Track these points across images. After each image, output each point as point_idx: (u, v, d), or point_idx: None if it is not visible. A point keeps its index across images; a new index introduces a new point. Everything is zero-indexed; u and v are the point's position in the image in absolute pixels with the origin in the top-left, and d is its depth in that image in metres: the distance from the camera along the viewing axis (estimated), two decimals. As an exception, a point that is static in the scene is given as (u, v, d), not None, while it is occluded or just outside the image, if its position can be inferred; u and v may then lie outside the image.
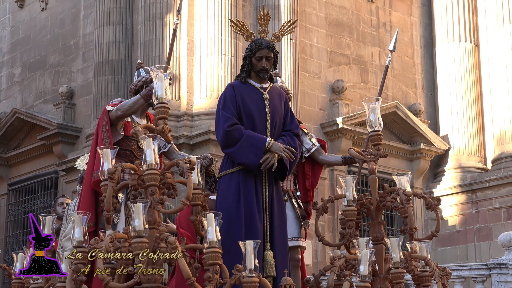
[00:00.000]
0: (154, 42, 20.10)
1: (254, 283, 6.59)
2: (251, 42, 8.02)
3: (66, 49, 23.11)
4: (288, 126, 8.06)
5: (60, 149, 21.93)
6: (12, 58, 24.72)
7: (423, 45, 24.99)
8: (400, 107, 22.95)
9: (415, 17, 25.05)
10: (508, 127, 23.17)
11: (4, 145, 23.50)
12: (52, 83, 23.26)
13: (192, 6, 20.25)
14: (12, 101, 24.15)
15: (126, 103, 8.00)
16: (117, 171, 6.80)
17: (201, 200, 7.05)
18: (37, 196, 22.70)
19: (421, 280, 7.66)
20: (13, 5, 24.89)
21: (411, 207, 7.81)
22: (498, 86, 23.67)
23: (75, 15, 23.06)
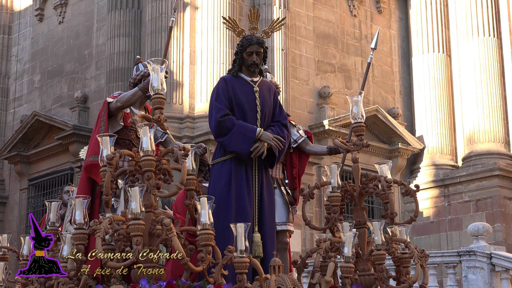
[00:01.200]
0: (160, 52, 19.72)
1: (245, 263, 6.32)
2: (242, 38, 7.83)
3: (80, 58, 22.93)
4: (277, 117, 7.79)
5: (75, 148, 21.55)
6: (32, 66, 24.49)
7: (400, 55, 24.78)
8: (380, 110, 22.77)
9: (393, 30, 24.83)
10: (476, 129, 23.03)
11: (25, 145, 23.21)
12: (68, 89, 23.08)
13: (194, 20, 20.18)
14: (32, 105, 23.91)
15: (125, 95, 7.71)
16: (115, 157, 6.49)
17: (195, 185, 6.75)
18: (54, 190, 22.22)
19: (401, 261, 7.38)
20: (33, 18, 24.65)
21: (391, 193, 7.49)
22: (468, 92, 23.51)
23: (89, 28, 22.89)
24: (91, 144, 7.41)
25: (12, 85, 24.94)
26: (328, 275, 6.88)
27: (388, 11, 24.69)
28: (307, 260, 7.43)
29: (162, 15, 20.06)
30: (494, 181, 22.36)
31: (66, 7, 23.56)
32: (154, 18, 20.26)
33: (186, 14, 20.10)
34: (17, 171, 23.33)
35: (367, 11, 24.14)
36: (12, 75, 24.99)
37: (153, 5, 20.31)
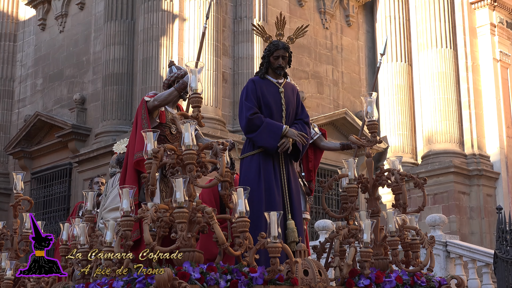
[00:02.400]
0: (151, 59, 19.82)
1: (278, 248, 6.20)
2: (269, 43, 7.70)
3: (79, 64, 22.69)
4: (299, 116, 7.75)
5: (74, 145, 21.51)
6: (35, 71, 24.23)
7: (367, 64, 24.71)
8: (349, 113, 22.76)
9: (361, 42, 24.76)
10: (434, 130, 23.10)
11: (28, 142, 22.95)
12: (67, 92, 22.80)
13: (182, 30, 20.01)
14: (35, 106, 23.63)
15: (162, 95, 7.55)
16: (160, 150, 6.31)
17: (229, 177, 6.60)
18: (54, 183, 22.27)
19: (411, 246, 7.25)
20: (36, 27, 24.35)
21: (404, 185, 7.39)
22: (427, 98, 23.56)
23: (87, 37, 22.64)
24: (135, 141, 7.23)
25: (16, 88, 24.70)
26: (350, 259, 6.78)
27: (356, 24, 24.63)
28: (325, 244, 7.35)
29: (153, 25, 19.90)
30: (450, 177, 22.44)
31: (67, 17, 23.34)
32: (146, 28, 20.08)
33: (175, 25, 20.00)
34: (21, 166, 23.00)
35: (337, 24, 24.03)
36: (17, 78, 24.74)
37: (145, 17, 20.15)
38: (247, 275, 6.12)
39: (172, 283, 5.76)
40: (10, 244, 8.59)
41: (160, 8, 19.96)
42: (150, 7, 20.05)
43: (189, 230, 6.15)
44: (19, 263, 8.31)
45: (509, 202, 22.96)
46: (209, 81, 19.35)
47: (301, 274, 6.45)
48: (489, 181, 23.18)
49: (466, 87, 23.74)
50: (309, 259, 6.67)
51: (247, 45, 20.74)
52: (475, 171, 22.79)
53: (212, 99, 19.30)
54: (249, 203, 6.45)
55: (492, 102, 23.87)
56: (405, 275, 6.99)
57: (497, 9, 24.44)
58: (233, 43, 20.94)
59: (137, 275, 6.06)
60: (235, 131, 19.16)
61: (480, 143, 23.55)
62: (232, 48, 20.89)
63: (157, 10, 19.99)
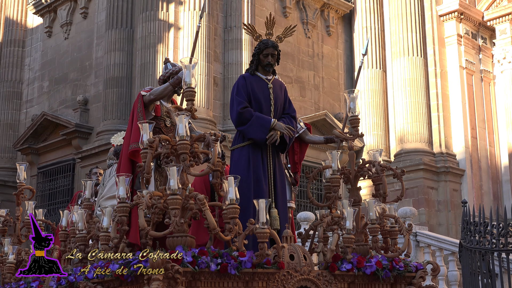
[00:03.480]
0: (148, 65, 19.63)
1: (266, 234, 5.95)
2: (259, 42, 7.39)
3: (82, 68, 22.40)
4: (287, 110, 7.50)
5: (77, 142, 21.24)
6: (42, 74, 23.92)
7: (345, 70, 24.44)
8: (329, 115, 22.53)
9: (340, 50, 24.51)
10: (405, 131, 22.95)
11: (35, 139, 22.62)
12: (71, 93, 22.50)
13: (177, 38, 19.83)
14: (41, 106, 23.30)
15: (157, 89, 7.27)
16: (155, 140, 6.00)
17: (220, 166, 6.28)
18: (59, 177, 21.96)
19: (390, 234, 6.97)
20: (43, 34, 24.04)
21: (384, 176, 7.11)
22: (399, 101, 23.38)
23: (89, 43, 22.37)
24: (131, 132, 6.91)
25: (25, 90, 24.39)
26: (333, 244, 6.50)
27: (336, 34, 24.38)
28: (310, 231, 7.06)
29: (151, 33, 19.73)
30: (420, 174, 22.29)
31: (71, 25, 23.07)
32: (144, 36, 19.90)
33: (170, 33, 19.79)
34: (28, 161, 22.48)
35: (319, 34, 23.79)
36: (25, 81, 24.44)
37: (143, 26, 19.96)
38: (237, 259, 5.88)
39: (165, 266, 5.48)
40: (13, 230, 8.31)
41: (157, 17, 19.82)
42: (148, 16, 19.90)
43: (182, 216, 5.87)
44: (21, 248, 8.06)
45: (473, 197, 22.91)
46: (202, 85, 19.16)
47: (287, 258, 6.22)
48: (455, 177, 23.08)
49: (435, 92, 23.62)
50: (295, 244, 6.41)
51: (236, 52, 20.64)
52: (443, 168, 22.73)
53: (204, 101, 19.13)
54: (238, 192, 6.17)
55: (458, 105, 23.76)
56: (384, 260, 6.73)
57: (463, 21, 24.35)
58: (224, 50, 20.82)
59: (132, 258, 5.77)
60: (225, 130, 18.95)
61: (447, 142, 23.43)
62: (222, 55, 20.76)
63: (154, 20, 19.84)
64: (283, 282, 6.11)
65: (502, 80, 24.86)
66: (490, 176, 24.23)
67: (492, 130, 24.64)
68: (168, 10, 19.88)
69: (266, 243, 5.94)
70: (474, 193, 23.29)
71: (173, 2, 20.00)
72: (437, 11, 24.21)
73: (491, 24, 25.02)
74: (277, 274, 6.08)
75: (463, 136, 23.54)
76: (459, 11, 24.05)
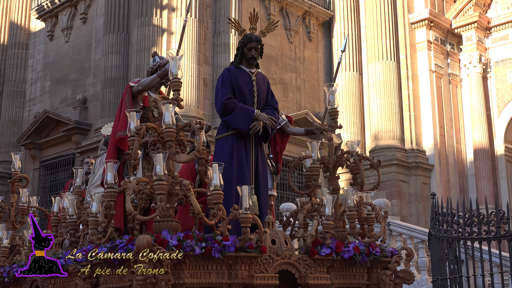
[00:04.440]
0: (143, 66, 19.13)
1: (249, 219, 5.60)
2: (243, 36, 7.03)
3: (82, 69, 22.09)
4: (269, 102, 7.13)
5: (77, 138, 20.96)
6: (44, 75, 23.56)
7: (325, 73, 24.16)
8: (309, 114, 22.19)
9: (320, 54, 24.23)
10: (380, 129, 22.74)
11: (37, 135, 22.29)
12: (71, 93, 22.20)
13: (169, 42, 19.49)
14: (43, 104, 22.95)
15: (145, 80, 6.90)
16: (142, 128, 5.65)
17: (205, 154, 5.93)
18: (59, 170, 21.65)
19: (367, 220, 6.64)
20: (45, 38, 23.70)
21: (362, 165, 6.78)
22: (374, 102, 23.12)
23: (88, 46, 22.07)
24: (119, 121, 6.53)
25: (28, 89, 24.03)
26: (313, 230, 6.17)
27: (316, 39, 24.09)
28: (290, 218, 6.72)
29: (145, 38, 19.46)
30: (392, 168, 22.08)
31: (71, 30, 22.76)
32: (139, 40, 19.61)
33: (163, 37, 19.54)
34: (31, 155, 22.43)
35: (300, 39, 23.51)
36: (28, 81, 24.08)
37: (138, 30, 19.68)
38: (220, 243, 5.52)
39: (151, 249, 5.13)
40: (8, 217, 7.96)
41: (151, 23, 19.59)
42: (143, 22, 19.66)
43: (167, 202, 5.51)
44: (15, 233, 7.70)
45: (441, 190, 22.76)
46: (192, 86, 18.97)
47: (269, 243, 5.89)
48: (424, 171, 22.93)
49: (407, 93, 23.44)
50: (277, 230, 6.06)
51: (224, 55, 20.44)
52: (413, 163, 22.57)
53: (195, 101, 18.92)
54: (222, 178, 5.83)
55: (428, 106, 23.60)
56: (361, 246, 6.40)
57: (433, 28, 24.20)
58: (213, 53, 20.59)
59: (119, 242, 5.43)
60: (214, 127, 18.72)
61: (418, 140, 23.25)
62: (211, 58, 20.55)
63: (148, 25, 19.61)
64: (265, 266, 5.78)
65: (468, 83, 24.73)
66: (457, 170, 24.09)
67: (459, 128, 24.50)
68: (161, 16, 19.65)
69: (249, 228, 5.61)
70: (442, 186, 23.14)
71: (166, 9, 19.80)
72: (409, 19, 24.02)
73: (459, 31, 24.88)
74: (259, 258, 5.74)
75: (432, 134, 23.37)
76: (429, 19, 23.90)
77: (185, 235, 5.41)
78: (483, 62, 24.54)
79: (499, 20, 24.56)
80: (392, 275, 6.54)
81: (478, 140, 24.00)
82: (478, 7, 24.80)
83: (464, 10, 24.83)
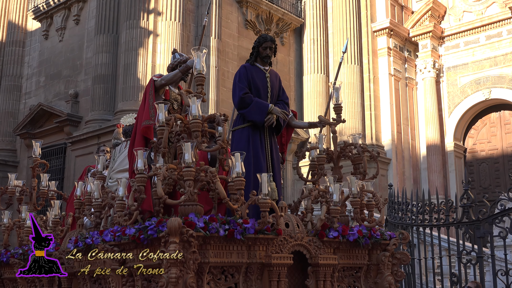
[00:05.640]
0: (131, 65, 19.02)
1: (268, 204, 5.45)
2: (259, 36, 6.89)
3: (74, 66, 21.65)
4: (281, 97, 6.96)
5: (68, 129, 20.59)
6: (39, 71, 23.07)
7: (295, 74, 24.02)
8: (281, 111, 21.85)
9: (291, 57, 24.02)
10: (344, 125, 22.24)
11: (32, 126, 21.81)
12: (64, 88, 21.75)
13: (155, 44, 19.21)
14: (38, 98, 22.48)
15: (168, 75, 6.68)
16: (172, 119, 5.45)
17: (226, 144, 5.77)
18: (52, 158, 21.04)
19: (368, 206, 6.52)
20: (41, 37, 23.21)
21: (365, 156, 6.67)
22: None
23: (80, 45, 21.63)
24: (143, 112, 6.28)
25: (24, 83, 23.54)
26: (322, 215, 6.04)
27: (288, 44, 23.81)
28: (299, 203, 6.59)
29: (133, 39, 19.14)
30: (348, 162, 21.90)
31: (65, 30, 22.29)
32: (127, 41, 19.27)
33: (150, 39, 19.24)
34: (26, 144, 21.97)
35: (274, 43, 23.34)
36: (24, 76, 23.58)
37: (127, 32, 19.35)
38: (241, 225, 5.35)
39: (181, 230, 4.95)
40: (29, 199, 7.68)
41: (138, 25, 19.29)
42: (131, 24, 19.34)
43: (193, 187, 5.33)
44: (36, 215, 7.42)
45: (397, 181, 22.85)
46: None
47: (283, 226, 5.73)
48: (383, 164, 22.93)
49: (368, 94, 23.45)
50: (290, 214, 5.94)
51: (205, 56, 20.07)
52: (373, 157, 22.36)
53: (178, 97, 18.59)
54: (242, 166, 5.65)
55: (387, 106, 23.65)
56: (364, 229, 6.29)
57: (393, 37, 24.24)
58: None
59: (148, 224, 5.23)
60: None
61: (377, 136, 23.28)
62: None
63: (136, 27, 19.30)
64: (280, 247, 5.65)
65: (422, 86, 24.83)
66: (411, 164, 24.20)
67: (414, 126, 24.61)
68: (148, 19, 19.39)
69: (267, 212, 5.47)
70: (398, 178, 23.22)
71: (152, 13, 19.54)
72: (371, 28, 24.01)
73: (415, 39, 24.94)
74: (275, 239, 5.62)
75: (390, 131, 23.43)
76: (390, 28, 23.95)
77: (210, 218, 5.25)
78: (436, 68, 24.66)
79: (452, 30, 24.69)
80: (390, 256, 6.45)
81: (431, 137, 24.13)
82: (433, 18, 24.90)
83: (421, 21, 24.91)
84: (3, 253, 7.47)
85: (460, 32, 24.50)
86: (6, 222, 7.54)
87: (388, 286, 6.28)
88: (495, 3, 24.11)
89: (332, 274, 5.97)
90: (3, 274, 7.58)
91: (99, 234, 5.80)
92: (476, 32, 24.16)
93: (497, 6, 23.97)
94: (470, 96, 24.19)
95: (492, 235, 10.49)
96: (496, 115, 24.31)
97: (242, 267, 5.43)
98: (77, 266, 6.16)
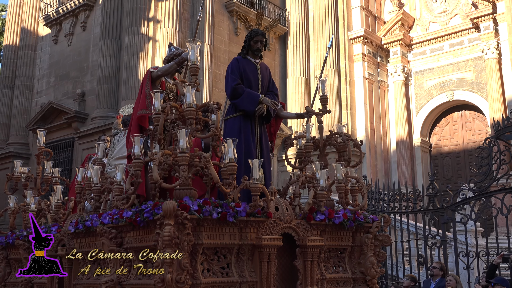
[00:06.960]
0: (132, 68, 18.74)
1: (259, 188, 5.05)
2: (251, 31, 6.43)
3: (81, 68, 21.23)
4: (271, 88, 6.52)
5: (76, 125, 20.19)
6: (49, 72, 22.62)
7: (280, 77, 23.54)
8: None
9: (276, 61, 23.67)
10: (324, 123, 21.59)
11: (43, 121, 21.27)
12: (72, 88, 21.34)
13: (154, 49, 19.02)
14: (48, 97, 22.07)
15: (164, 67, 6.22)
16: (167, 107, 5.01)
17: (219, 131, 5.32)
18: (61, 151, 20.67)
19: (352, 191, 6.10)
20: (51, 42, 22.78)
21: (349, 144, 6.26)
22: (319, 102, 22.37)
23: (87, 50, 21.24)
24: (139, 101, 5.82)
25: (35, 84, 23.09)
26: (310, 199, 5.61)
27: (274, 49, 23.46)
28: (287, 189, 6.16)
29: (135, 44, 18.86)
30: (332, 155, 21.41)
31: (73, 35, 21.89)
32: (129, 45, 18.98)
33: (149, 44, 19.05)
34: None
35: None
36: (36, 77, 23.13)
37: (129, 38, 19.07)
38: (234, 208, 4.93)
39: (175, 213, 4.52)
40: (34, 185, 7.21)
41: (140, 32, 19.03)
42: (133, 31, 19.07)
43: (188, 172, 4.89)
44: (40, 199, 6.97)
45: (370, 173, 22.56)
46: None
47: (273, 209, 5.30)
48: (357, 158, 22.46)
49: (345, 95, 23.11)
50: (279, 198, 5.50)
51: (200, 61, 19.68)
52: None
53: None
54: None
55: (361, 106, 23.32)
56: (349, 213, 5.88)
57: (367, 44, 23.94)
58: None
59: (144, 207, 4.79)
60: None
61: (353, 132, 22.90)
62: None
63: (137, 34, 19.04)
64: (270, 229, 5.22)
65: (393, 88, 24.54)
66: (383, 158, 23.89)
67: (385, 124, 24.32)
68: (148, 26, 19.16)
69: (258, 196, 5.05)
70: (371, 170, 22.90)
71: (152, 21, 19.31)
72: (348, 36, 23.67)
73: (387, 47, 24.64)
74: (266, 222, 5.19)
75: (364, 128, 23.12)
76: (364, 36, 23.64)
77: (204, 201, 4.81)
78: (405, 72, 24.37)
79: (419, 39, 24.42)
80: (373, 238, 6.04)
81: (400, 134, 23.84)
82: (403, 28, 24.60)
83: (392, 30, 24.61)
84: (9, 235, 7.02)
85: (426, 41, 24.21)
86: (12, 206, 7.09)
87: (371, 266, 5.87)
88: (457, 15, 23.86)
89: (319, 255, 5.56)
90: (10, 255, 7.14)
91: (98, 217, 5.36)
92: (441, 41, 23.89)
93: (459, 17, 23.73)
94: (435, 97, 23.93)
95: (454, 221, 10.71)
96: (458, 114, 24.06)
97: (234, 248, 5.02)
98: (78, 248, 5.72)
